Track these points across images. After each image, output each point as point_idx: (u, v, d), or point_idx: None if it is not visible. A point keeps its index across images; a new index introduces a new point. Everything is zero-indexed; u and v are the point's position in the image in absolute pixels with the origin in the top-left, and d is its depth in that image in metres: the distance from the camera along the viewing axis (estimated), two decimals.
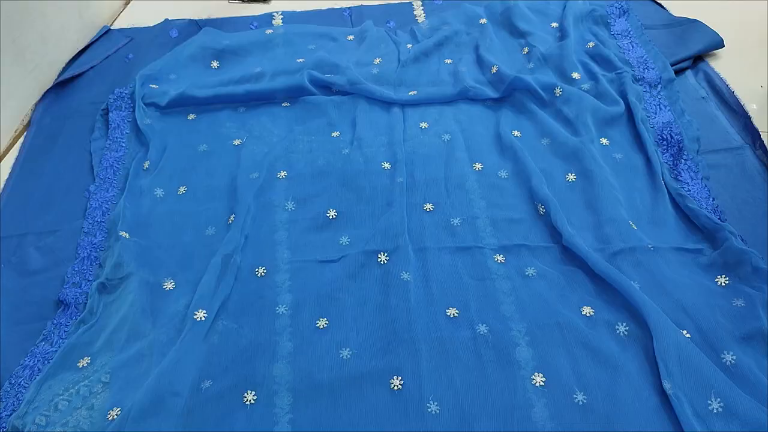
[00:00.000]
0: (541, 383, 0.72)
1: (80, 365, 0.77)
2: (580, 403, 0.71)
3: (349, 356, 0.77)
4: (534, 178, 0.96)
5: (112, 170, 1.04)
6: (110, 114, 1.15)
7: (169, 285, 0.86)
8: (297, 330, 0.80)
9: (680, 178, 0.96)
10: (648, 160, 1.00)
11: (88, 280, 0.88)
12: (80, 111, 1.19)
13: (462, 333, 0.78)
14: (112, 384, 0.75)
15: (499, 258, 0.87)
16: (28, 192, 1.02)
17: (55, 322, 0.83)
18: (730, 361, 0.72)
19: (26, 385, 0.75)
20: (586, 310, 0.80)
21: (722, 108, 1.10)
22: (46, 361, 0.78)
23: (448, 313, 0.80)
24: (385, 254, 0.87)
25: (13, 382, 0.76)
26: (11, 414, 0.73)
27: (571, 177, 0.98)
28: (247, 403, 0.73)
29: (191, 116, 1.15)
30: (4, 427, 0.71)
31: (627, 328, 0.77)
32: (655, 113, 1.08)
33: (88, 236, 0.94)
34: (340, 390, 0.74)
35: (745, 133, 1.04)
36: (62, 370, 0.77)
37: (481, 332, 0.78)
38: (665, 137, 1.03)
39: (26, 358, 0.78)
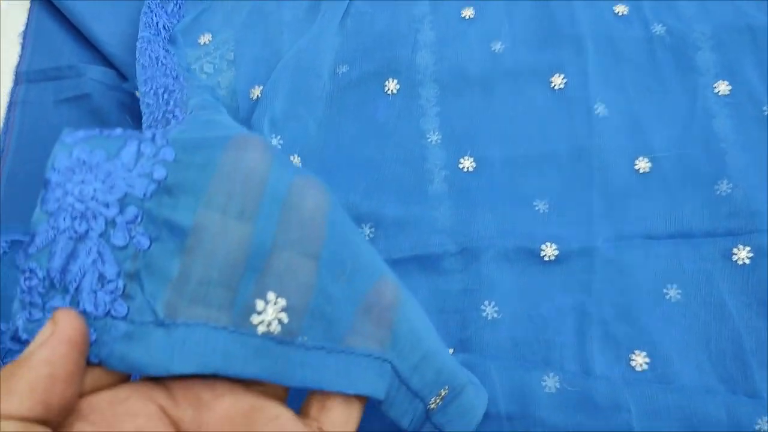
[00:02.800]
0: (726, 92, 0.63)
1: (201, 42, 0.69)
2: None
3: (501, 50, 0.67)
4: None
5: None
6: None
7: None
8: (439, 18, 0.69)
9: None
10: None
11: None
12: None
13: (634, 32, 0.67)
14: (238, 62, 0.67)
15: None
16: None
17: None
18: None
19: None
20: None
21: None
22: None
23: (617, 11, 0.68)
24: None
25: None
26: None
27: None
28: (389, 92, 0.65)
29: None
30: None
31: None
32: None
33: None
34: (494, 84, 0.65)
35: None
36: (183, 45, 0.68)
37: (657, 32, 0.67)
38: None
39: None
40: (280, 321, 0.37)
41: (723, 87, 0.64)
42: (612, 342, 0.54)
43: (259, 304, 0.36)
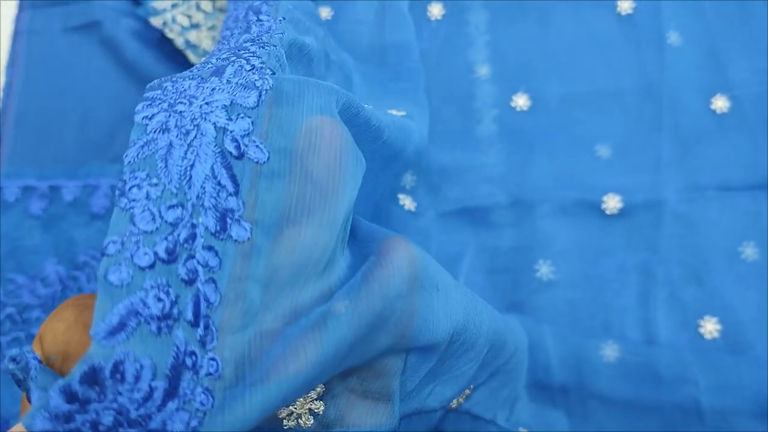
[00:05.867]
0: None
1: None
2: None
3: None
4: None
5: None
6: None
7: None
8: None
9: None
10: None
11: None
12: None
13: None
14: None
15: None
16: None
17: None
18: None
19: None
20: None
21: None
22: None
23: None
24: None
25: None
26: None
27: None
28: (432, 18, 0.58)
29: None
30: None
31: None
32: None
33: None
34: (551, 8, 0.57)
35: None
36: None
37: None
38: None
39: None
40: (312, 411, 0.28)
41: None
42: (679, 306, 0.49)
43: None
